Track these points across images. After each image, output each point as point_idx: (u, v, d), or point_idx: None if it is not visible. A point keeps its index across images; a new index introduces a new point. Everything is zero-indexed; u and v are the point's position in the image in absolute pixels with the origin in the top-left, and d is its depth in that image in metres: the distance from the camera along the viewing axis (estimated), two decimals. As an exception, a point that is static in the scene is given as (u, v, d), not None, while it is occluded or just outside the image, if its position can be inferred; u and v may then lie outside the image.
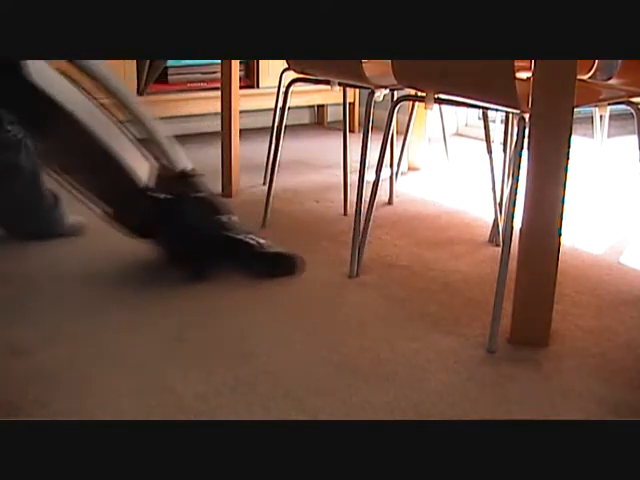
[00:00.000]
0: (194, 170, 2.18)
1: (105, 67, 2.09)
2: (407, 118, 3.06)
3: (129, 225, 2.13)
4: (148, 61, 3.47)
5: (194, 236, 2.08)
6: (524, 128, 1.76)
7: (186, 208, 2.10)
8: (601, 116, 2.64)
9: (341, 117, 2.86)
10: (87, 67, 2.04)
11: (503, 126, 2.52)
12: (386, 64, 2.07)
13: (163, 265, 2.13)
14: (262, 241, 2.17)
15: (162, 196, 2.08)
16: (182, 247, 2.08)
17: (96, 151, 2.02)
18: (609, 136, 2.96)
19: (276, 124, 2.81)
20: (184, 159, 2.19)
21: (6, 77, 1.90)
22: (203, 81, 3.66)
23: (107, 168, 2.04)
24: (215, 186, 2.98)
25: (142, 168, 2.09)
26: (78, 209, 2.29)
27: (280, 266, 2.17)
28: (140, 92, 3.50)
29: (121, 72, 3.37)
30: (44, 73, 1.95)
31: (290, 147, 3.15)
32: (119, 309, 1.97)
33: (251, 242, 2.14)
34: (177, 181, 2.13)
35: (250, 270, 2.13)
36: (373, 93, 2.27)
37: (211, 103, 3.46)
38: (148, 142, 2.16)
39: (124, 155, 2.05)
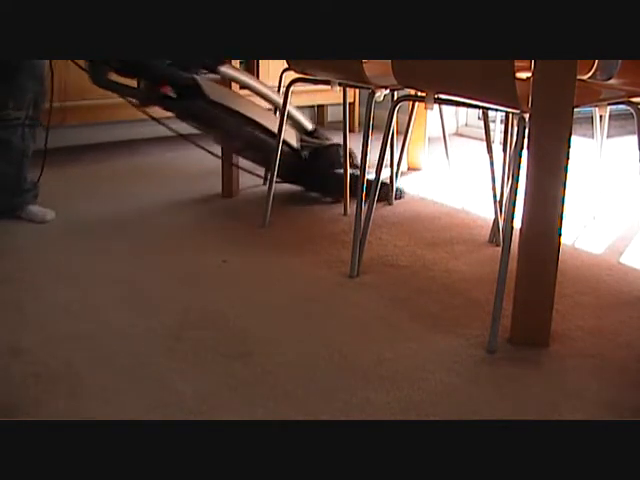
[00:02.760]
0: (317, 127, 3.12)
1: (240, 70, 2.96)
2: (407, 118, 3.06)
3: (290, 179, 2.90)
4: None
5: (333, 173, 2.84)
6: (524, 128, 1.76)
7: (326, 155, 2.89)
8: (601, 116, 2.64)
9: (341, 117, 2.86)
10: (230, 74, 2.83)
11: (503, 126, 2.52)
12: (386, 64, 2.07)
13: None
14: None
15: (307, 152, 2.88)
16: (327, 183, 2.87)
17: (259, 133, 2.76)
18: (609, 136, 2.96)
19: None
20: (309, 120, 3.10)
21: (193, 102, 2.63)
22: (203, 81, 3.67)
23: (269, 144, 2.71)
24: (215, 186, 2.99)
25: (293, 137, 2.89)
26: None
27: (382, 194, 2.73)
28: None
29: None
30: (215, 90, 2.68)
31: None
32: (119, 309, 1.98)
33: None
34: (312, 138, 3.00)
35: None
36: (373, 93, 2.27)
37: (211, 103, 3.46)
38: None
39: (279, 131, 2.67)
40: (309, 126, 3.06)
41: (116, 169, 3.35)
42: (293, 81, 2.56)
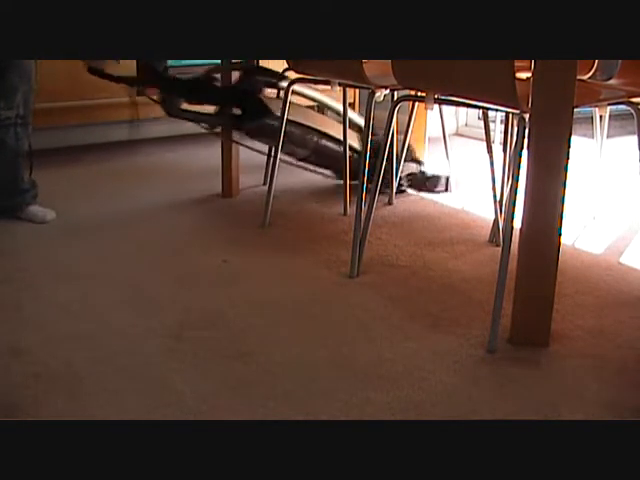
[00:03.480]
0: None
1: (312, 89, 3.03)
2: (407, 118, 3.05)
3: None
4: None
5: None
6: (524, 128, 1.76)
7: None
8: (601, 116, 2.64)
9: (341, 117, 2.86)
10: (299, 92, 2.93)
11: (503, 126, 2.52)
12: (386, 64, 2.07)
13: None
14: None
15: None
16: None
17: (322, 140, 2.91)
18: (609, 136, 2.96)
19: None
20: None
21: (259, 120, 2.73)
22: (204, 81, 3.66)
23: (332, 149, 2.91)
24: (215, 186, 2.99)
25: (355, 139, 3.01)
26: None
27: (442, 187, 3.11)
28: (140, 92, 3.49)
29: (121, 72, 3.36)
30: (275, 105, 2.71)
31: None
32: (119, 309, 1.98)
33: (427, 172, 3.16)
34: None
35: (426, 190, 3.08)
36: (373, 93, 2.27)
37: (211, 103, 3.46)
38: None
39: (341, 134, 2.83)
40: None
41: (116, 169, 3.35)
42: (293, 81, 2.56)
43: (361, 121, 3.09)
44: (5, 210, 2.58)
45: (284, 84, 2.80)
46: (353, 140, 2.99)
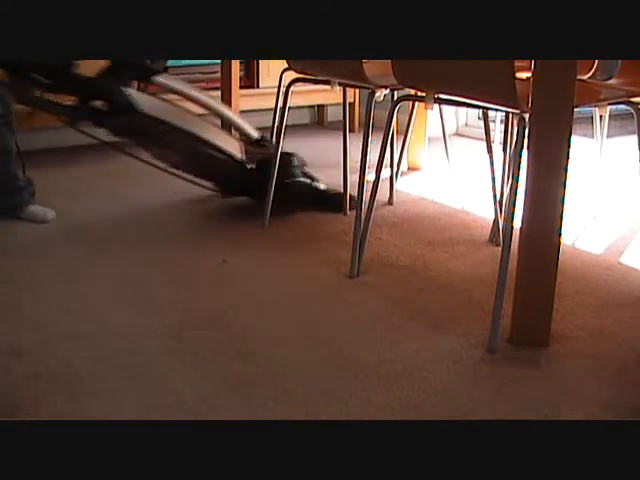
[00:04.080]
0: (264, 135, 2.86)
1: (177, 79, 2.80)
2: (407, 118, 3.06)
3: (236, 192, 2.77)
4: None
5: (288, 184, 2.71)
6: (524, 128, 1.76)
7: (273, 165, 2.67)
8: (601, 116, 2.64)
9: (341, 117, 2.86)
10: (166, 83, 2.69)
11: (503, 126, 2.52)
12: (386, 64, 2.07)
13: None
14: (325, 186, 2.83)
15: (254, 163, 2.71)
16: (282, 194, 2.66)
17: (199, 146, 2.59)
18: (609, 136, 2.96)
19: (276, 124, 2.81)
20: (254, 129, 2.86)
21: (122, 114, 2.45)
22: (203, 81, 3.66)
23: (210, 156, 2.61)
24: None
25: (235, 148, 2.72)
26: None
27: (335, 203, 2.77)
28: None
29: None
30: (145, 101, 2.51)
31: (290, 147, 3.13)
32: (119, 309, 1.98)
33: (320, 186, 2.81)
34: (257, 147, 2.81)
35: (318, 207, 2.75)
36: (373, 93, 2.27)
37: (211, 103, 3.45)
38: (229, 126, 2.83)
39: (220, 142, 2.63)
40: (254, 134, 2.88)
41: (116, 169, 3.34)
42: (293, 81, 2.55)
43: (248, 127, 2.87)
44: (5, 210, 2.58)
45: (161, 79, 2.66)
46: (235, 149, 2.72)
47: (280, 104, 2.72)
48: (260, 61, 3.76)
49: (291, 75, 2.55)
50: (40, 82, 2.39)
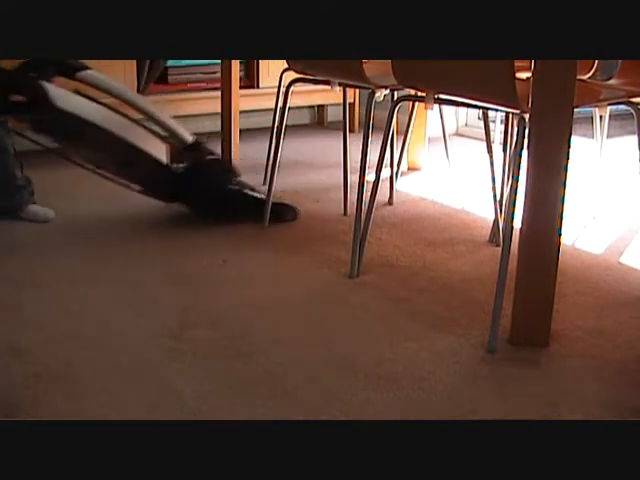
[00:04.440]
0: (199, 139, 2.70)
1: (108, 77, 2.59)
2: (407, 118, 3.06)
3: (161, 196, 2.63)
4: (148, 61, 3.46)
5: (214, 192, 2.60)
6: (524, 128, 1.76)
7: (203, 171, 2.61)
8: (601, 116, 2.64)
9: (341, 117, 2.86)
10: (93, 80, 2.52)
11: (503, 126, 2.52)
12: (386, 64, 2.07)
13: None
14: (263, 195, 2.66)
15: (182, 166, 2.58)
16: (203, 204, 2.60)
17: (120, 146, 2.46)
18: (609, 136, 2.96)
19: (276, 124, 2.81)
20: (188, 133, 2.68)
21: (39, 109, 2.33)
22: (203, 81, 3.66)
23: (132, 157, 2.49)
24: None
25: (161, 151, 2.57)
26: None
27: (281, 214, 2.64)
28: (140, 92, 3.50)
29: (121, 72, 3.37)
30: (65, 97, 2.37)
31: (290, 147, 3.14)
32: (119, 309, 1.98)
33: (257, 195, 2.67)
34: (190, 152, 2.64)
35: (256, 217, 2.59)
36: (373, 93, 2.27)
37: (211, 103, 3.46)
38: (158, 127, 2.64)
39: (143, 144, 2.50)
40: (188, 139, 2.69)
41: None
42: (293, 81, 2.55)
43: (181, 131, 2.68)
44: (5, 210, 2.58)
45: (87, 76, 2.51)
46: (160, 152, 2.58)
47: (280, 104, 2.72)
48: (260, 61, 3.75)
49: (291, 75, 2.55)
50: None
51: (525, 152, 1.74)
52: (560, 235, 1.76)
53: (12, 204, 2.59)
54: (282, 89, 2.72)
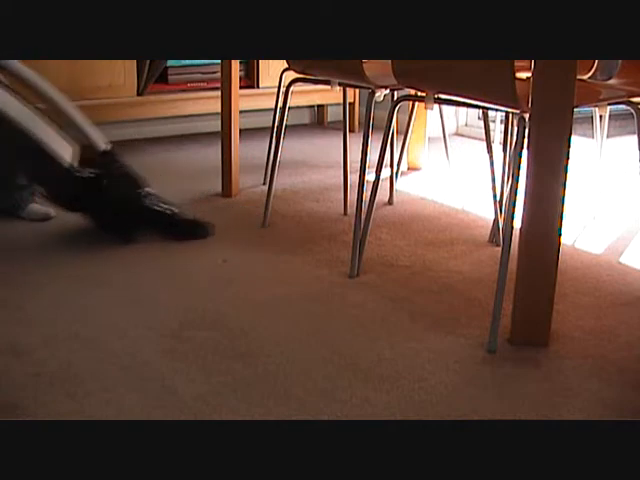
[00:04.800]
0: (113, 148, 2.53)
1: (19, 64, 2.40)
2: (407, 118, 3.06)
3: (60, 202, 2.46)
4: (148, 61, 3.47)
5: (118, 207, 2.42)
6: (524, 128, 1.76)
7: (110, 183, 2.43)
8: (601, 116, 2.64)
9: (341, 117, 2.86)
10: (5, 66, 2.35)
11: (503, 126, 2.52)
12: (386, 64, 2.07)
13: (94, 233, 2.45)
14: (176, 210, 2.53)
15: (86, 174, 2.39)
16: (108, 217, 2.42)
17: (19, 139, 2.27)
18: (609, 136, 2.96)
19: (276, 124, 2.81)
20: (103, 140, 2.52)
21: None
22: (203, 81, 3.66)
23: (31, 153, 2.31)
24: (215, 186, 2.99)
25: (66, 151, 2.36)
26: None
27: (192, 231, 2.50)
28: (140, 92, 3.50)
29: (121, 72, 3.37)
30: None
31: (290, 147, 3.15)
32: (119, 308, 1.98)
33: (167, 211, 2.51)
34: (101, 159, 2.47)
35: (167, 235, 2.47)
36: (373, 93, 2.27)
37: (211, 103, 3.46)
38: (70, 127, 2.45)
39: (46, 141, 2.30)
40: (101, 145, 2.50)
41: (116, 169, 3.35)
42: (293, 81, 2.56)
43: (95, 136, 2.50)
44: (7, 207, 2.58)
45: (12, 65, 2.35)
46: (62, 149, 2.37)
47: (280, 104, 2.72)
48: (260, 61, 3.76)
49: (291, 75, 2.55)
50: None
51: (525, 152, 1.74)
52: (560, 235, 1.76)
53: (13, 201, 2.59)
54: (282, 89, 2.72)
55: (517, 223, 1.78)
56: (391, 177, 2.91)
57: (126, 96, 3.45)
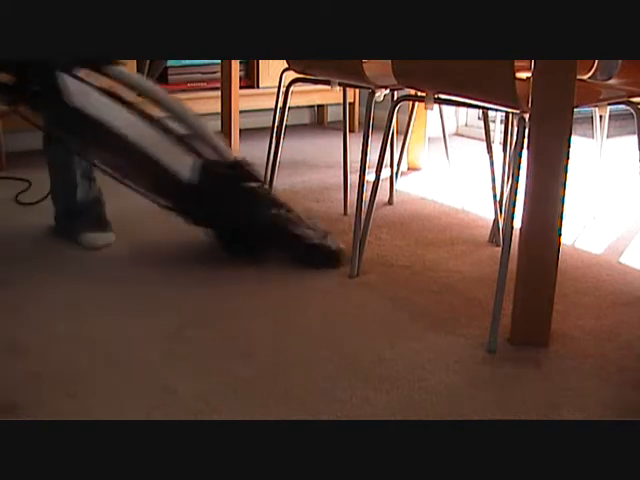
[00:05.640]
0: (244, 160, 2.33)
1: (142, 79, 2.40)
2: (407, 118, 3.06)
3: (186, 215, 2.30)
4: (148, 61, 3.46)
5: (242, 224, 2.25)
6: (524, 128, 1.76)
7: (234, 198, 2.26)
8: (601, 116, 2.64)
9: (341, 117, 2.86)
10: (124, 78, 2.28)
11: (503, 126, 2.52)
12: (386, 64, 2.07)
13: (217, 250, 2.30)
14: (311, 232, 2.31)
15: (210, 187, 2.25)
16: (232, 234, 2.26)
17: (138, 155, 2.21)
18: (609, 136, 2.96)
19: (276, 124, 2.81)
20: (231, 151, 2.40)
21: (52, 105, 2.11)
22: (203, 81, 3.66)
23: (151, 168, 2.23)
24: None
25: (185, 164, 2.24)
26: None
27: (322, 259, 2.27)
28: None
29: None
30: (83, 94, 2.14)
31: (290, 147, 3.14)
32: (119, 308, 1.98)
33: (298, 233, 2.29)
34: (227, 172, 2.29)
35: (296, 260, 2.27)
36: (373, 93, 2.27)
37: (211, 103, 3.46)
38: (193, 138, 2.34)
39: (164, 154, 2.23)
40: (229, 156, 2.37)
41: (116, 169, 3.35)
42: (293, 81, 2.56)
43: (222, 146, 2.37)
44: (67, 234, 2.46)
45: (119, 72, 2.27)
46: (180, 163, 2.26)
47: (280, 104, 2.72)
48: (260, 61, 3.76)
49: (291, 75, 2.54)
50: None
51: (525, 152, 1.74)
52: (560, 235, 1.76)
53: (72, 228, 2.44)
54: (282, 89, 2.72)
55: (517, 223, 1.78)
56: (391, 177, 2.91)
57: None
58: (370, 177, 2.23)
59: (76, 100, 2.11)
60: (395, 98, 2.15)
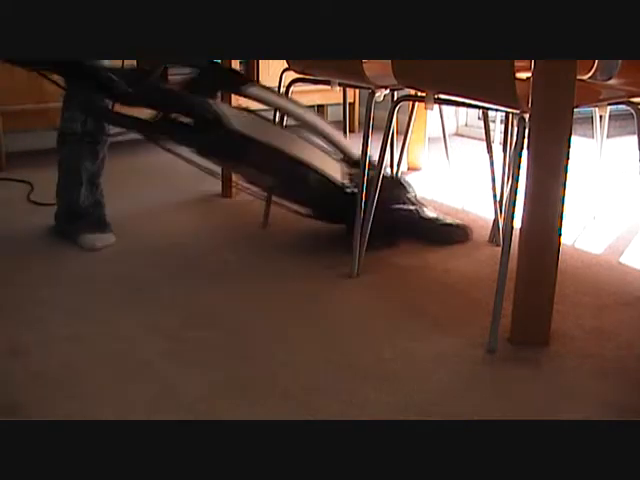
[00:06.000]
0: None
1: (269, 92, 2.49)
2: (407, 118, 3.06)
3: (329, 217, 2.48)
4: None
5: (387, 213, 2.38)
6: (524, 128, 1.76)
7: (387, 197, 2.36)
8: (601, 116, 2.64)
9: (341, 117, 2.86)
10: (257, 94, 2.43)
11: (503, 126, 2.52)
12: (386, 64, 2.07)
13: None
14: (434, 214, 2.55)
15: (354, 186, 2.36)
16: (377, 224, 2.26)
17: (293, 167, 2.30)
18: (609, 136, 2.96)
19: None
20: (354, 148, 2.50)
21: (214, 131, 2.18)
22: (203, 81, 3.65)
23: (306, 179, 2.33)
24: (215, 186, 2.99)
25: (335, 169, 2.42)
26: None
27: (452, 235, 2.50)
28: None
29: (121, 72, 3.36)
30: (237, 117, 2.25)
31: (290, 147, 3.14)
32: (119, 308, 1.98)
33: (429, 215, 2.52)
34: (357, 169, 2.38)
35: (427, 239, 2.47)
36: (373, 93, 2.27)
37: (211, 103, 3.45)
38: (327, 142, 2.49)
39: (318, 163, 2.35)
40: (355, 155, 2.52)
41: (115, 169, 3.34)
42: (293, 81, 2.56)
43: (348, 146, 2.54)
44: (67, 235, 2.48)
45: (254, 90, 2.41)
46: (334, 171, 2.41)
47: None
48: (260, 61, 3.76)
49: (291, 75, 2.55)
50: (110, 91, 2.12)
51: (525, 152, 1.74)
52: (560, 235, 1.76)
53: (72, 229, 2.47)
54: (282, 89, 2.72)
55: (517, 223, 1.78)
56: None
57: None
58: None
59: (235, 124, 2.19)
60: (395, 98, 2.15)
